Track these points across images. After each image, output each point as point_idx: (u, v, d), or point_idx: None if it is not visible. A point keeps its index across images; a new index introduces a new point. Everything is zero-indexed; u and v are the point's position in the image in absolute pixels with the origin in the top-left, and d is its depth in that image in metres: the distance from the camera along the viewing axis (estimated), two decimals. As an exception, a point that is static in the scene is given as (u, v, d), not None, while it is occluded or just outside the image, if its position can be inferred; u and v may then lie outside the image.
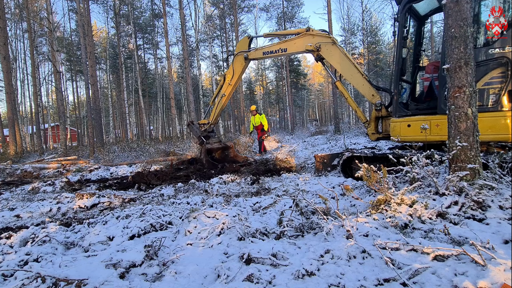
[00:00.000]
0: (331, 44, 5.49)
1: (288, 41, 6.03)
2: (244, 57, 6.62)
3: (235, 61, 6.83)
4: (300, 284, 1.60)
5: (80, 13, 13.93)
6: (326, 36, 5.59)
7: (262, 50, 6.44)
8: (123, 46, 26.26)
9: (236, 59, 6.80)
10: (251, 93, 37.19)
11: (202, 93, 23.49)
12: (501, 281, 1.36)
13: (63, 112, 14.01)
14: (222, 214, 2.63)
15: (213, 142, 7.44)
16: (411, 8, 4.32)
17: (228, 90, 7.06)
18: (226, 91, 7.10)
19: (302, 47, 5.80)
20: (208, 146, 7.21)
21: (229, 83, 6.99)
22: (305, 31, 5.74)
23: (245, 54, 6.61)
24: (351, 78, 5.35)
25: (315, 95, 53.46)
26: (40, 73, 26.49)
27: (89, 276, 1.78)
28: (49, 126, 28.12)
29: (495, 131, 3.30)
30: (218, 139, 7.73)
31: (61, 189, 5.51)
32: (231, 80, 6.95)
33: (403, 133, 4.06)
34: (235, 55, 6.84)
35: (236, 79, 6.91)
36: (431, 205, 2.38)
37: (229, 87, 7.03)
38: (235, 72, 6.85)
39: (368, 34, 23.72)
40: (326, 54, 5.54)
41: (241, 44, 6.86)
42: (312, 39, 5.67)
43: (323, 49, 5.54)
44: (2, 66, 13.02)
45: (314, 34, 5.67)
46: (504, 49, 3.24)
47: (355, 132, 14.79)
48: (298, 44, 5.89)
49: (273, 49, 6.26)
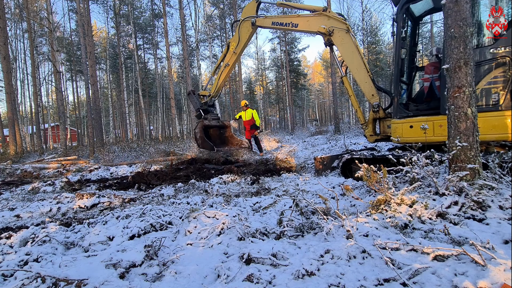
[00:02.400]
0: (345, 31, 5.13)
1: (301, 16, 5.58)
2: (251, 23, 6.10)
3: (242, 27, 6.28)
4: (300, 284, 1.60)
5: (80, 13, 13.94)
6: (342, 21, 5.19)
7: (272, 19, 5.96)
8: (123, 46, 26.26)
9: (243, 25, 6.27)
10: (251, 93, 37.18)
11: (202, 93, 23.42)
12: (501, 281, 1.36)
13: (63, 112, 14.01)
14: (222, 214, 2.63)
15: (211, 119, 6.88)
16: (408, 8, 4.33)
17: (232, 59, 6.54)
18: (230, 61, 6.54)
19: (315, 27, 5.38)
20: (206, 122, 6.65)
21: (233, 52, 6.44)
22: (322, 10, 5.31)
23: (252, 19, 6.08)
24: (356, 72, 5.10)
25: (315, 95, 53.47)
26: (40, 73, 26.51)
27: (89, 276, 1.78)
28: (49, 126, 28.14)
29: (500, 131, 3.29)
30: (216, 116, 7.18)
31: (61, 189, 5.50)
32: (236, 48, 6.42)
33: (406, 134, 4.04)
34: (241, 21, 6.30)
35: (241, 47, 6.41)
36: (431, 205, 2.38)
37: (233, 56, 6.49)
38: (241, 40, 6.32)
39: (368, 34, 23.73)
40: (338, 40, 5.19)
41: (248, 8, 6.33)
42: (327, 20, 5.26)
43: (336, 35, 5.18)
44: (2, 66, 13.02)
45: (330, 16, 5.26)
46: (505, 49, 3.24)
47: (355, 132, 14.79)
48: (311, 22, 5.46)
49: (283, 21, 5.76)
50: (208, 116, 6.83)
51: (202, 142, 6.42)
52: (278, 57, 32.16)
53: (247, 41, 6.42)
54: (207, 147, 6.39)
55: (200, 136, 6.48)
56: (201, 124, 6.58)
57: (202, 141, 6.42)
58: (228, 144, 7.20)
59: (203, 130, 6.51)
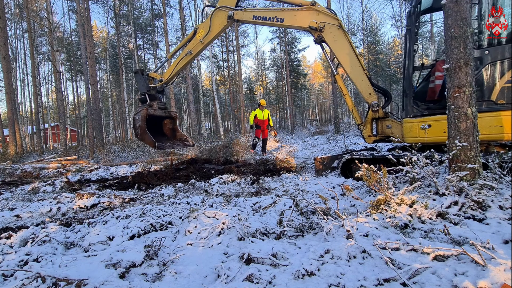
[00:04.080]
0: (337, 27, 4.83)
1: (287, 10, 5.10)
2: (228, 15, 5.33)
3: (215, 16, 5.48)
4: (300, 284, 1.60)
5: (80, 13, 13.94)
6: (333, 17, 4.88)
7: (253, 13, 5.32)
8: (123, 46, 26.26)
9: (217, 14, 5.47)
10: (251, 93, 37.20)
11: (202, 93, 23.50)
12: (501, 281, 1.36)
13: (63, 112, 14.01)
14: (222, 214, 2.63)
15: (158, 107, 5.85)
16: (420, 2, 4.23)
17: (197, 48, 5.61)
18: (194, 49, 5.63)
19: (304, 22, 4.97)
20: (151, 110, 5.61)
21: (200, 41, 5.52)
22: (310, 4, 4.92)
23: (230, 12, 5.30)
24: (351, 71, 4.84)
25: (315, 95, 53.46)
26: (40, 73, 26.52)
27: (89, 276, 1.78)
28: (49, 126, 28.13)
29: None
30: (164, 104, 6.16)
31: (61, 189, 5.51)
32: (204, 38, 5.51)
33: (423, 134, 3.82)
34: (216, 9, 5.52)
35: (210, 38, 5.57)
36: (431, 205, 2.38)
37: (199, 45, 5.57)
38: (212, 30, 5.47)
39: (368, 34, 23.73)
40: (329, 37, 4.86)
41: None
42: (316, 15, 4.88)
43: (327, 31, 4.84)
44: (2, 66, 13.02)
45: (320, 10, 4.89)
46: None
47: (355, 132, 14.79)
48: (299, 17, 5.01)
49: (267, 15, 5.20)
50: (154, 103, 5.75)
51: (141, 133, 5.34)
52: (278, 57, 32.17)
53: (218, 33, 5.65)
54: (147, 141, 5.39)
55: (140, 126, 5.36)
56: (144, 112, 5.44)
57: (142, 132, 5.34)
58: (172, 138, 6.28)
59: (146, 120, 5.43)
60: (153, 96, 5.83)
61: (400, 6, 20.62)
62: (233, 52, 28.59)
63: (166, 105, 6.17)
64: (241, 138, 12.14)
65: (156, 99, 5.88)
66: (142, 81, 5.84)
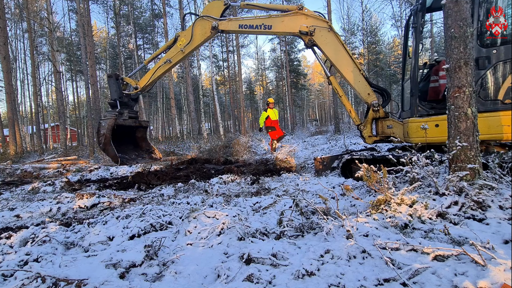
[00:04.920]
0: (327, 30, 4.78)
1: (275, 17, 4.98)
2: (212, 26, 5.11)
3: (198, 25, 5.23)
4: (300, 284, 1.60)
5: (80, 13, 13.94)
6: (322, 19, 4.85)
7: (239, 22, 5.16)
8: (123, 46, 26.26)
9: (200, 23, 5.22)
10: (251, 93, 37.21)
11: (202, 93, 23.50)
12: (501, 281, 1.36)
13: (63, 112, 14.02)
14: (222, 214, 2.63)
15: (128, 116, 5.39)
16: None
17: (178, 57, 5.35)
18: (174, 58, 5.33)
19: (294, 27, 4.88)
20: (120, 120, 5.11)
21: (181, 50, 5.26)
22: (297, 9, 4.85)
23: (214, 23, 5.08)
24: (346, 72, 4.78)
25: (315, 95, 53.49)
26: (40, 73, 26.52)
27: (89, 276, 1.78)
28: (49, 126, 28.14)
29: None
30: (135, 113, 5.69)
31: (61, 189, 5.51)
32: (185, 47, 5.25)
33: (430, 134, 3.76)
34: (198, 18, 5.28)
35: (192, 48, 5.33)
36: (431, 205, 2.38)
37: (179, 54, 5.31)
38: (194, 40, 5.22)
39: (368, 34, 23.74)
40: (320, 40, 4.80)
41: (212, 7, 5.26)
42: (305, 19, 4.82)
43: (317, 34, 4.78)
44: (2, 66, 13.02)
45: (308, 14, 4.83)
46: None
47: (355, 132, 14.79)
48: (288, 23, 4.91)
49: (253, 23, 5.05)
50: (125, 111, 5.30)
51: (105, 144, 4.88)
52: (278, 57, 32.18)
53: (201, 43, 5.40)
54: (109, 154, 4.96)
55: (104, 135, 4.87)
56: (111, 122, 4.92)
57: (106, 142, 4.88)
58: (139, 149, 5.91)
59: (112, 130, 4.93)
60: (124, 103, 5.44)
61: (400, 6, 20.62)
62: (233, 52, 28.60)
63: (137, 114, 5.81)
64: (241, 138, 12.13)
65: (128, 107, 5.51)
66: (115, 86, 5.42)
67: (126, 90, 5.63)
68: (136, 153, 5.79)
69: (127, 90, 5.62)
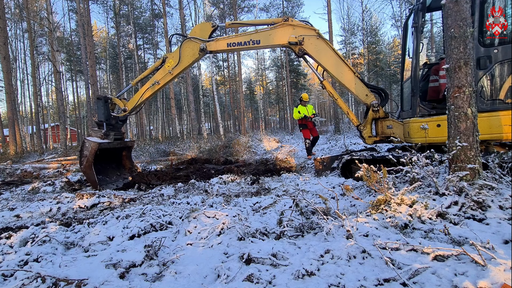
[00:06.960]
0: (316, 37, 4.81)
1: (262, 31, 5.02)
2: (200, 48, 5.15)
3: (185, 47, 5.26)
4: (300, 284, 1.60)
5: (80, 13, 13.95)
6: (310, 28, 4.87)
7: (226, 41, 5.17)
8: (123, 46, 26.27)
9: (187, 45, 5.26)
10: (251, 93, 37.22)
11: (202, 93, 23.50)
12: (501, 281, 1.36)
13: (63, 112, 14.02)
14: (222, 214, 2.63)
15: (113, 138, 5.35)
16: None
17: (166, 79, 5.34)
18: (162, 80, 5.33)
19: (282, 39, 4.89)
20: (104, 144, 5.05)
21: (169, 71, 5.27)
22: (283, 21, 4.87)
23: (202, 45, 5.11)
24: (341, 76, 4.78)
25: (315, 95, 53.47)
26: (40, 73, 26.53)
27: (89, 276, 1.78)
28: (49, 126, 28.17)
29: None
30: (121, 135, 5.66)
31: (61, 189, 5.50)
32: (174, 69, 5.27)
33: (432, 134, 3.80)
34: (186, 39, 5.32)
35: (180, 70, 5.35)
36: (431, 205, 2.38)
37: (168, 76, 5.30)
38: (182, 61, 5.25)
39: (368, 34, 23.75)
40: (311, 48, 4.82)
41: (200, 29, 5.28)
42: (292, 30, 4.84)
43: (307, 43, 4.81)
44: (2, 66, 13.03)
45: (295, 25, 4.85)
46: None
47: (355, 132, 14.79)
48: (275, 36, 4.94)
49: (241, 40, 5.07)
50: (111, 134, 5.27)
51: (86, 167, 4.85)
52: (278, 57, 32.19)
53: (189, 65, 5.41)
54: (89, 179, 4.95)
55: (87, 158, 4.82)
56: (95, 146, 4.85)
57: (87, 166, 4.84)
58: (122, 168, 5.93)
59: (95, 154, 4.88)
60: (112, 126, 5.41)
61: (400, 6, 20.63)
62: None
63: (123, 135, 5.79)
64: (241, 138, 12.14)
65: (115, 129, 5.49)
66: (103, 109, 5.38)
67: (115, 111, 5.64)
68: (118, 173, 5.76)
69: (116, 111, 5.64)
